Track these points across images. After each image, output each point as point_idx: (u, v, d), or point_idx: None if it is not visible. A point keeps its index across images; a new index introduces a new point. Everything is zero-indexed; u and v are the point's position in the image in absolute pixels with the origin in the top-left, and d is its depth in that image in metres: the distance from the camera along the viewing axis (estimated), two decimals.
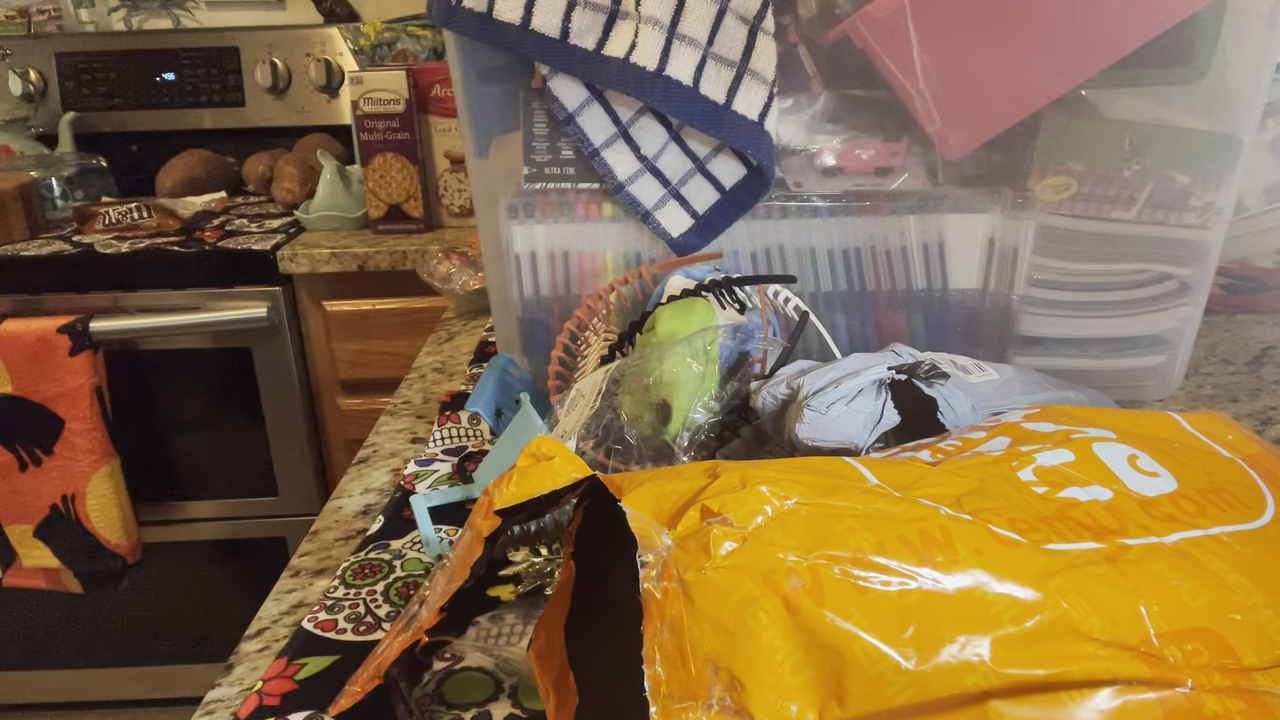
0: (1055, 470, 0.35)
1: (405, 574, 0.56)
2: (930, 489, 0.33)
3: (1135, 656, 0.27)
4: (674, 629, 0.29)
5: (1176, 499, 0.34)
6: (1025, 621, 0.28)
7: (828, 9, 0.64)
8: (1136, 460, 0.36)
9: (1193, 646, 0.28)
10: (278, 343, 1.56)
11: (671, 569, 0.30)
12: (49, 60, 1.88)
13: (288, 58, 1.85)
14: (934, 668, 0.27)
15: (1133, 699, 0.26)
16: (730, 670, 0.28)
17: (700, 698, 0.28)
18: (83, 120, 1.88)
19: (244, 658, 0.50)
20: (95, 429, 1.49)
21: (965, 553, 0.29)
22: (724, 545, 0.29)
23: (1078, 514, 0.32)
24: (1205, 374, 0.80)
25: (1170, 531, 0.32)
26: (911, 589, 0.28)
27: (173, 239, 1.58)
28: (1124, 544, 0.31)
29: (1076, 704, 0.26)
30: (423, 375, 0.89)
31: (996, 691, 0.27)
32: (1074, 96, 0.69)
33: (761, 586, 0.28)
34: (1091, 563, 0.30)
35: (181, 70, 1.88)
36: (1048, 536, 0.31)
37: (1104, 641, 0.27)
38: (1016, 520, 0.31)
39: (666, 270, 0.67)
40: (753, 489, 0.31)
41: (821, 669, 0.28)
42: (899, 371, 0.53)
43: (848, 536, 0.29)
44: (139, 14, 2.02)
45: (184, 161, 1.81)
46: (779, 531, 0.30)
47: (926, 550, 0.29)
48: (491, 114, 0.70)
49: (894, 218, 0.69)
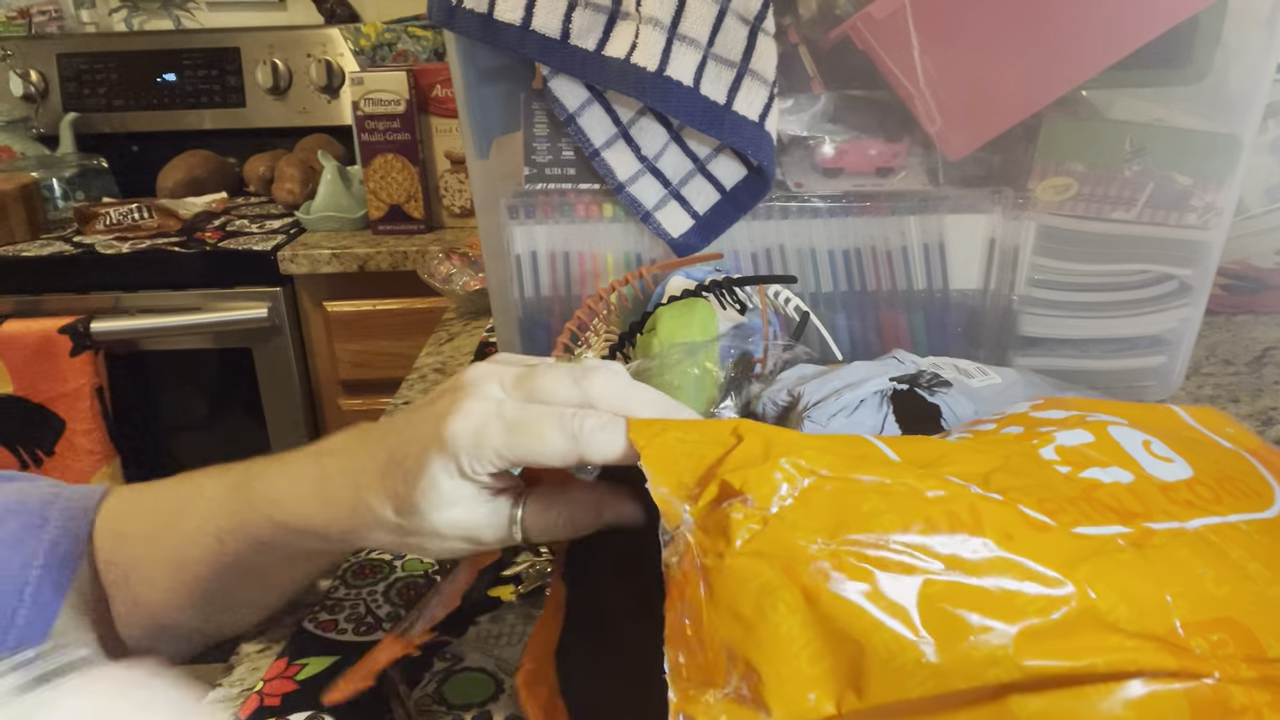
0: (1076, 450, 0.34)
1: (406, 574, 0.56)
2: (956, 466, 0.32)
3: (1161, 647, 0.26)
4: (693, 613, 0.29)
5: (1194, 485, 0.33)
6: (1052, 613, 0.27)
7: (828, 9, 0.64)
8: (1151, 445, 0.35)
9: (1219, 637, 0.27)
10: (278, 343, 1.56)
11: (693, 551, 0.29)
12: (50, 61, 1.88)
13: (288, 58, 1.85)
14: (955, 659, 0.26)
15: (1159, 690, 0.26)
16: (747, 659, 0.27)
17: (717, 684, 0.28)
18: (84, 121, 1.88)
19: (244, 658, 0.50)
20: (96, 429, 1.49)
21: (996, 537, 0.28)
22: (743, 531, 0.29)
23: (1103, 495, 0.32)
24: (1206, 374, 0.80)
25: (1191, 517, 0.31)
26: (936, 578, 0.27)
27: (173, 239, 1.59)
28: (1149, 528, 0.30)
29: (1101, 697, 0.26)
30: (423, 376, 0.89)
31: (1018, 685, 0.26)
32: (1074, 97, 0.69)
33: (780, 575, 0.28)
34: (1118, 548, 0.29)
35: (182, 71, 1.88)
36: (1075, 519, 0.30)
37: (1130, 632, 0.27)
38: (1045, 500, 0.30)
39: (667, 271, 0.67)
40: (775, 462, 0.30)
41: (840, 659, 0.27)
42: (900, 381, 0.53)
43: (872, 518, 0.29)
44: (140, 15, 2.02)
45: (185, 162, 1.81)
46: (802, 512, 0.29)
47: (954, 533, 0.28)
48: (492, 114, 0.70)
49: (894, 218, 0.69)
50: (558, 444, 0.35)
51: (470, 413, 0.36)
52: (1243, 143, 0.65)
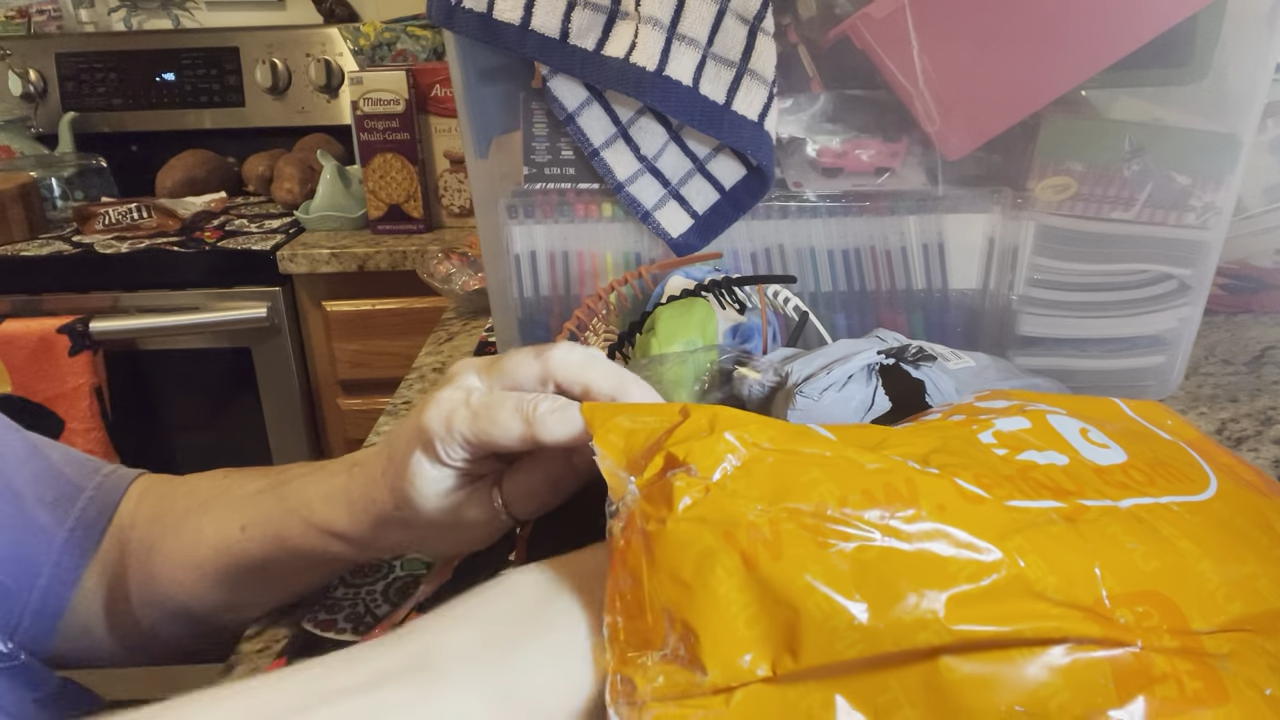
0: (1014, 435, 0.35)
1: (405, 573, 0.56)
2: (897, 448, 0.33)
3: (1087, 616, 0.27)
4: (634, 578, 0.29)
5: (1127, 469, 0.34)
6: (982, 580, 0.28)
7: (828, 9, 0.64)
8: (1088, 433, 0.36)
9: (1143, 609, 0.28)
10: (278, 343, 1.56)
11: (635, 519, 0.30)
12: (49, 60, 1.88)
13: (288, 58, 1.85)
14: (887, 623, 0.27)
15: (1083, 657, 0.27)
16: (685, 621, 0.28)
17: (655, 647, 0.28)
18: (83, 120, 1.88)
19: (244, 658, 0.50)
20: (95, 429, 1.49)
21: (929, 508, 0.29)
22: (685, 498, 0.29)
23: (1038, 474, 0.33)
24: (1205, 374, 0.80)
25: (1125, 497, 0.32)
26: (871, 545, 0.28)
27: (173, 239, 1.59)
28: (1082, 504, 0.31)
29: (1027, 661, 0.26)
30: (423, 375, 0.89)
31: (948, 648, 0.27)
32: (1074, 96, 0.69)
33: (720, 540, 0.28)
34: (1050, 522, 0.30)
35: (181, 70, 1.88)
36: (1010, 493, 0.31)
37: (1057, 601, 0.28)
38: (981, 476, 0.31)
39: (666, 270, 0.67)
40: (719, 435, 0.31)
41: (776, 622, 0.28)
42: (887, 355, 0.53)
43: (811, 488, 0.29)
44: (139, 14, 2.02)
45: (184, 162, 1.81)
46: (744, 481, 0.30)
47: (890, 504, 0.29)
48: (491, 114, 0.70)
49: (894, 218, 0.69)
50: (513, 427, 0.36)
51: (443, 401, 0.38)
52: (1242, 142, 0.66)
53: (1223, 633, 0.29)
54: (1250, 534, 0.32)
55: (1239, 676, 0.27)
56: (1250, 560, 0.31)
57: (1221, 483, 0.35)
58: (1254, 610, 0.30)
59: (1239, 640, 0.29)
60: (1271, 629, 0.29)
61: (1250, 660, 0.28)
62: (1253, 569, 0.31)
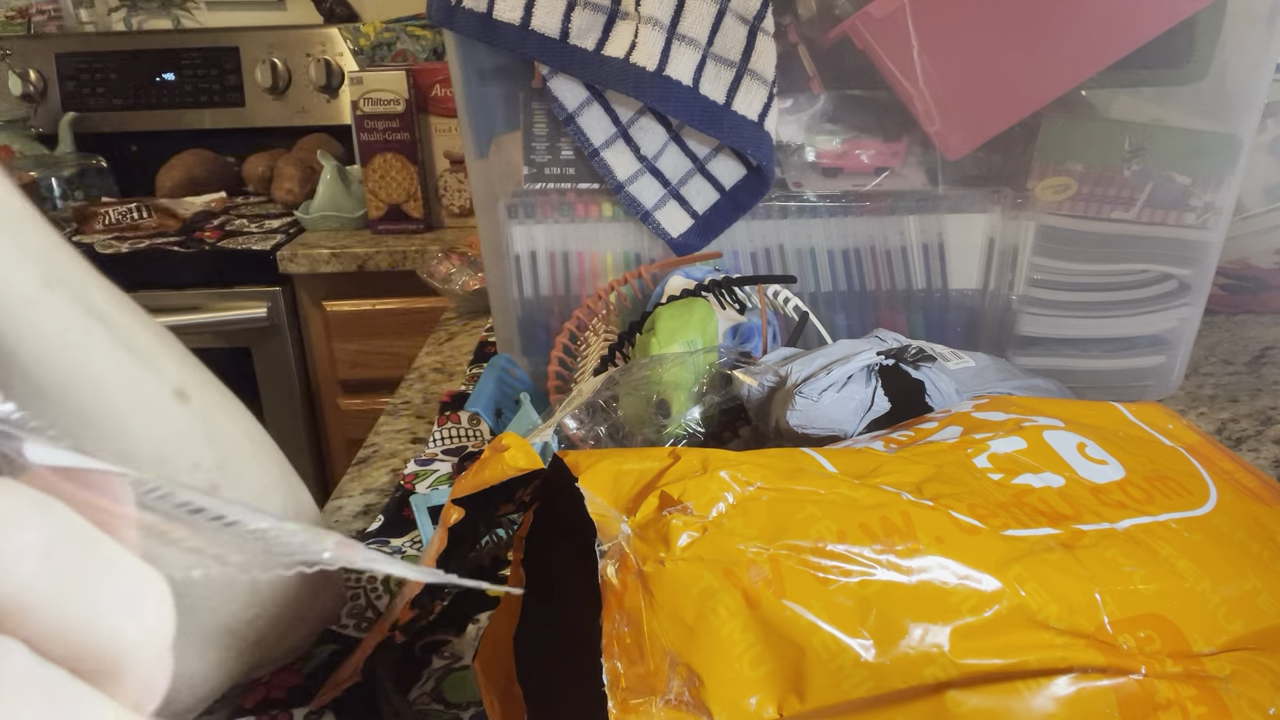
0: (1009, 458, 0.35)
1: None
2: (890, 476, 0.33)
3: (1090, 644, 0.27)
4: (633, 622, 0.29)
5: (1125, 486, 0.34)
6: (984, 611, 0.27)
7: (828, 9, 0.64)
8: (1086, 449, 0.36)
9: (1145, 633, 0.28)
10: (278, 343, 1.56)
11: (630, 560, 0.29)
12: (49, 60, 1.88)
13: (288, 58, 1.85)
14: (893, 659, 0.27)
15: (1088, 687, 0.26)
16: (689, 664, 0.27)
17: (659, 692, 0.28)
18: (83, 120, 1.88)
19: None
20: None
21: (927, 541, 0.29)
22: (683, 536, 0.29)
23: (1033, 500, 0.33)
24: (1205, 374, 0.80)
25: (1122, 518, 0.32)
26: (872, 580, 0.28)
27: (173, 239, 1.59)
28: (1079, 529, 0.31)
29: (1033, 693, 0.26)
30: (422, 375, 0.89)
31: (954, 682, 0.27)
32: (1074, 96, 0.69)
33: (721, 579, 0.28)
34: (1048, 549, 0.30)
35: (181, 70, 1.88)
36: (1006, 523, 0.31)
37: (1060, 630, 0.27)
38: (976, 506, 0.31)
39: (666, 270, 0.67)
40: (713, 474, 0.31)
41: (781, 662, 0.27)
42: (886, 355, 0.53)
43: (809, 525, 0.29)
44: (139, 14, 2.02)
45: (184, 162, 1.81)
46: (740, 520, 0.30)
47: (888, 539, 0.29)
48: (491, 114, 0.70)
49: (894, 218, 0.69)
50: None
51: None
52: (1242, 142, 0.66)
53: (1224, 653, 0.29)
54: (1251, 548, 0.32)
55: (1242, 697, 0.27)
56: (1251, 576, 0.31)
57: (1221, 494, 0.34)
58: (1255, 627, 0.29)
59: (1241, 659, 0.28)
60: (1273, 645, 0.29)
61: (1253, 680, 0.28)
62: (1253, 585, 0.31)
